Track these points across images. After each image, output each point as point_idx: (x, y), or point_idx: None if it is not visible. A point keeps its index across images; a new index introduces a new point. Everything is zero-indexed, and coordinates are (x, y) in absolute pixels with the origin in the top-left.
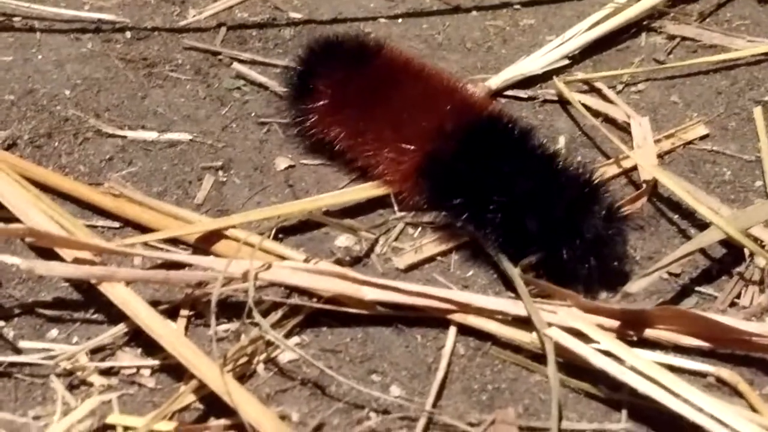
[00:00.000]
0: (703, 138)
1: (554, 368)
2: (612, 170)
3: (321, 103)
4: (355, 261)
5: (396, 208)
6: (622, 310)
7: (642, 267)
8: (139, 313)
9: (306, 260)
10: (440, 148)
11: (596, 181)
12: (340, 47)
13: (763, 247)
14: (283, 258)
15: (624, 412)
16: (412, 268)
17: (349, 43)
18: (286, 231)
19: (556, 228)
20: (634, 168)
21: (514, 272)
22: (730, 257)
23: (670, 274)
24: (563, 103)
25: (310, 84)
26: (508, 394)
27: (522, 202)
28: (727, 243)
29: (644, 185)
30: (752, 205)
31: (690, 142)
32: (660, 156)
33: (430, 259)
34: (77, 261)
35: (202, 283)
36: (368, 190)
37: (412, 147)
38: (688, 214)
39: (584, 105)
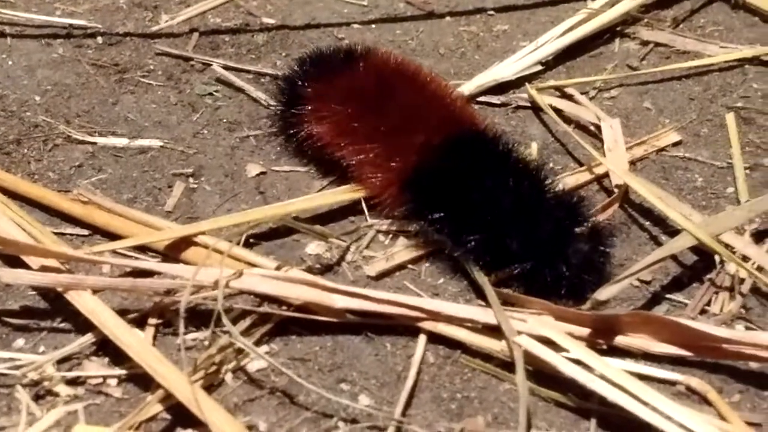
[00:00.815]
0: (675, 144)
1: (523, 376)
2: (584, 177)
3: (310, 109)
4: (326, 268)
5: (367, 215)
6: (593, 316)
7: (613, 274)
8: (105, 321)
9: (276, 268)
10: (424, 161)
11: (579, 200)
12: (330, 55)
13: (734, 253)
14: (252, 265)
15: (593, 421)
16: (383, 275)
17: (338, 51)
18: (257, 238)
19: (538, 249)
20: (606, 174)
21: (485, 281)
22: (701, 264)
23: (641, 281)
24: (536, 109)
25: (299, 91)
26: (477, 403)
27: (503, 221)
28: (698, 250)
29: (616, 191)
30: (723, 211)
31: (662, 149)
32: (632, 162)
33: (401, 267)
34: (44, 269)
35: (170, 291)
36: (339, 196)
37: (397, 158)
38: (660, 221)
39: (556, 111)
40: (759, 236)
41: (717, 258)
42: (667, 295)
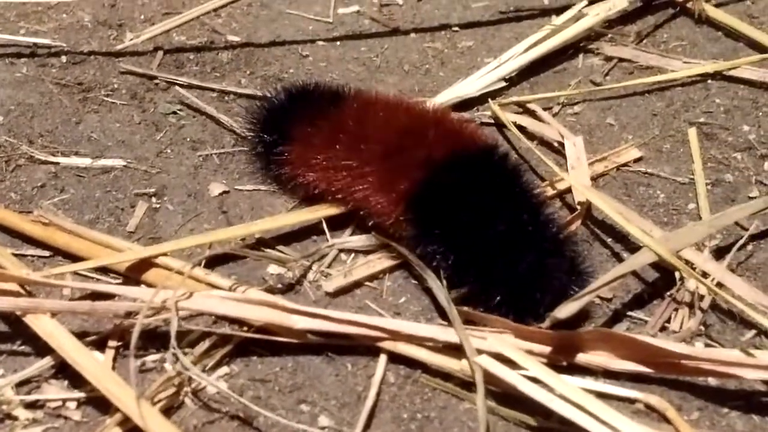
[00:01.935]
0: (637, 160)
1: (482, 398)
2: (547, 193)
3: (294, 147)
4: (288, 288)
5: (328, 235)
6: (553, 334)
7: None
8: (63, 345)
9: (235, 288)
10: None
11: (565, 233)
12: (311, 91)
13: (694, 269)
14: (212, 286)
15: None
16: (341, 292)
17: (319, 87)
18: (219, 258)
19: (520, 279)
20: (569, 191)
21: (447, 299)
22: (661, 281)
23: (602, 298)
24: (499, 125)
25: (280, 126)
26: (437, 423)
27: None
28: (659, 266)
29: (578, 208)
30: (684, 227)
31: (623, 165)
32: (594, 179)
33: (360, 284)
34: (2, 292)
35: (131, 314)
36: (302, 216)
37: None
38: (622, 238)
39: (520, 127)
40: (719, 252)
41: (677, 274)
42: (628, 312)
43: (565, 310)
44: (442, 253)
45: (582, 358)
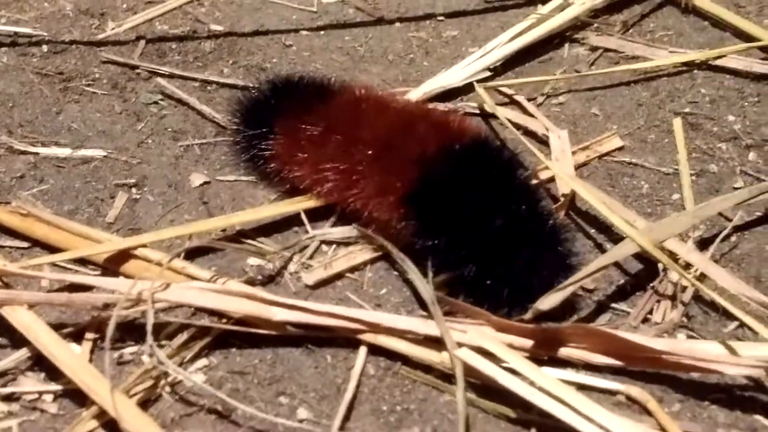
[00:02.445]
0: (620, 150)
1: (462, 391)
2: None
3: (282, 142)
4: (269, 280)
5: (308, 226)
6: (533, 328)
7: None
8: (40, 337)
9: (215, 280)
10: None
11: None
12: (298, 84)
13: (677, 260)
14: (191, 278)
15: (533, 431)
16: (321, 284)
17: (307, 80)
18: (199, 250)
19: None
20: (552, 180)
21: (428, 291)
22: (644, 272)
23: (585, 289)
24: (484, 115)
25: (267, 120)
26: (417, 415)
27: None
28: (642, 257)
29: (562, 198)
30: (667, 217)
31: (606, 154)
32: (576, 168)
33: (341, 276)
34: None
35: (109, 305)
36: (283, 207)
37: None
38: (605, 229)
39: (505, 118)
40: (703, 243)
41: (660, 266)
42: (611, 304)
43: (548, 302)
44: (437, 248)
45: (562, 351)
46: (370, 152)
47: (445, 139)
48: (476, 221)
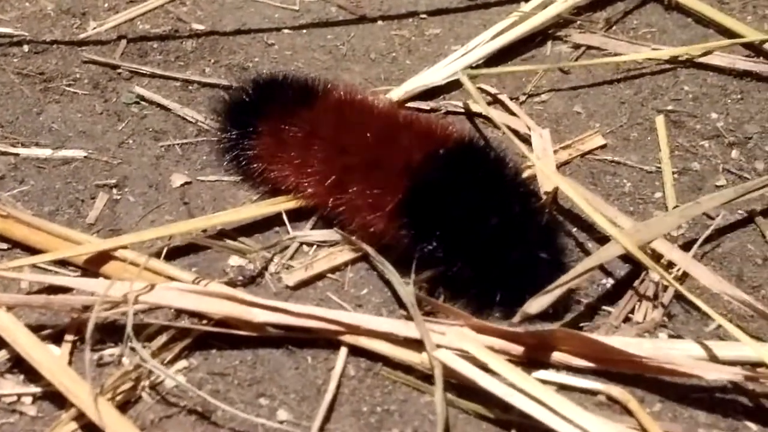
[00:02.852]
0: (603, 148)
1: (441, 392)
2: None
3: (266, 145)
4: (250, 280)
5: (289, 227)
6: (512, 331)
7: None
8: (18, 339)
9: (195, 281)
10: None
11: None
12: (282, 84)
13: (659, 259)
14: (172, 279)
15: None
16: (302, 285)
17: (290, 80)
18: (179, 249)
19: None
20: (534, 178)
21: (407, 291)
22: (625, 271)
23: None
24: (466, 114)
25: (250, 115)
26: (397, 416)
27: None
28: (624, 256)
29: (544, 196)
30: (651, 217)
31: (588, 153)
32: (558, 167)
33: (321, 277)
34: None
35: (88, 307)
36: (264, 208)
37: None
38: (587, 227)
39: (487, 117)
40: (685, 242)
41: (643, 265)
42: (592, 304)
43: (536, 305)
44: (425, 252)
45: (542, 354)
46: (355, 157)
47: (431, 143)
48: (466, 225)
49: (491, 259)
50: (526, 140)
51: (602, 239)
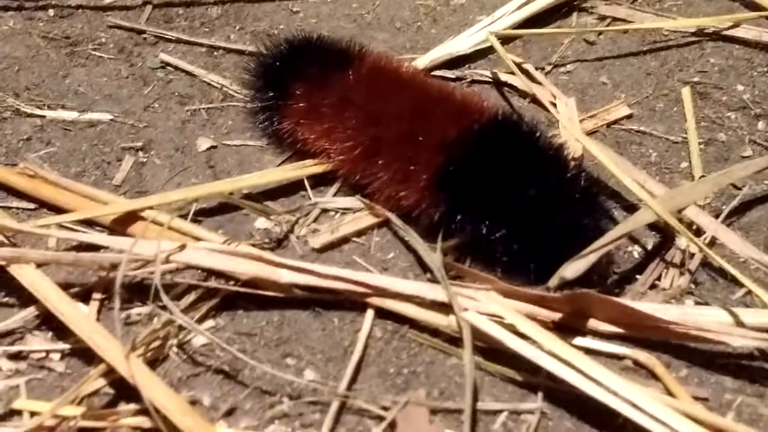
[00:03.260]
0: (629, 119)
1: (470, 352)
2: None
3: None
4: (276, 243)
5: (310, 193)
6: (540, 294)
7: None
8: (48, 296)
9: (223, 242)
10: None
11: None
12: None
13: (691, 227)
14: (199, 239)
15: (540, 395)
16: (327, 248)
17: (325, 43)
18: (206, 212)
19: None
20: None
21: (432, 257)
22: (652, 238)
23: None
24: (491, 83)
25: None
26: (424, 378)
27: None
28: (650, 224)
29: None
30: (677, 186)
31: (614, 123)
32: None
33: (347, 240)
34: None
35: (116, 266)
36: (288, 172)
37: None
38: (614, 194)
39: (512, 86)
40: (712, 211)
41: (669, 232)
42: (619, 271)
43: (571, 269)
44: (459, 225)
45: (569, 319)
46: (387, 128)
47: (466, 118)
48: (500, 203)
49: (522, 230)
50: (551, 111)
51: (628, 207)
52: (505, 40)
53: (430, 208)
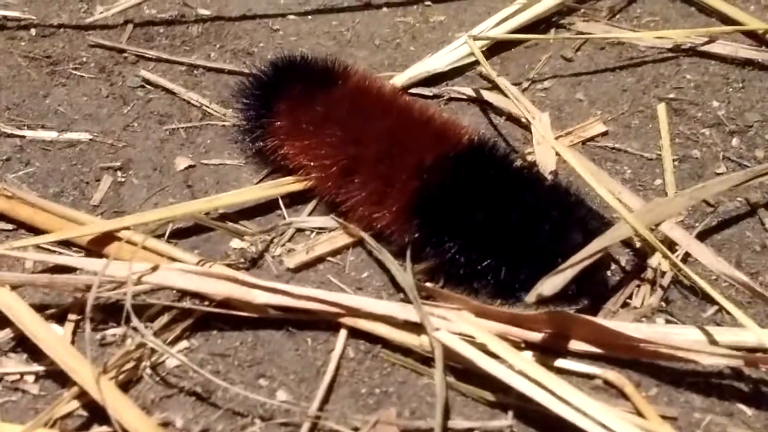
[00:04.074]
0: (604, 135)
1: (441, 372)
2: None
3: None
4: (251, 263)
5: (285, 213)
6: (511, 313)
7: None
8: (21, 318)
9: (201, 263)
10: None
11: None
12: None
13: (665, 243)
14: (174, 260)
15: (510, 414)
16: (303, 267)
17: (309, 62)
18: (182, 232)
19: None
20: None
21: (405, 277)
22: (624, 257)
23: None
24: (468, 100)
25: (266, 105)
26: (395, 398)
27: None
28: (623, 241)
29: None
30: (663, 197)
31: (589, 140)
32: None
33: (322, 260)
34: None
35: (91, 286)
36: (265, 191)
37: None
38: (589, 211)
39: (489, 103)
40: (685, 229)
41: (641, 249)
42: (591, 288)
43: (548, 285)
44: (442, 248)
45: (540, 337)
46: (366, 148)
47: (443, 143)
48: (474, 231)
49: (495, 253)
50: (527, 127)
51: (606, 225)
52: (484, 56)
53: (403, 229)
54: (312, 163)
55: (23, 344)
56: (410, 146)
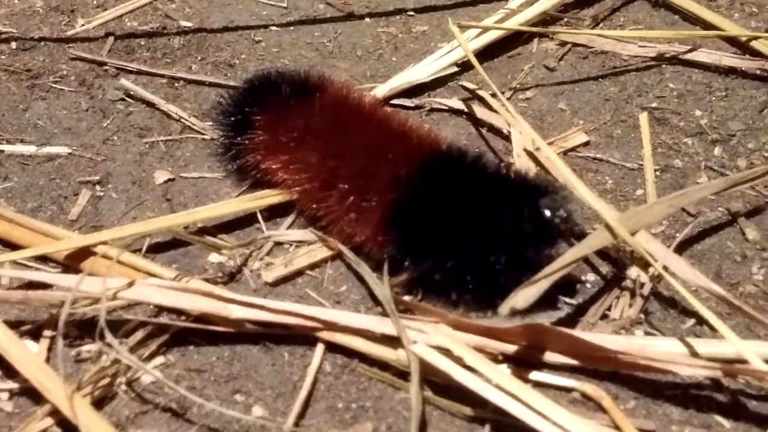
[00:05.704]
0: (586, 145)
1: (417, 386)
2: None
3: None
4: (229, 277)
5: (263, 226)
6: (488, 327)
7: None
8: None
9: (175, 278)
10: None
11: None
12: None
13: (634, 255)
14: (151, 275)
15: (487, 428)
16: (281, 281)
17: (287, 77)
18: (160, 246)
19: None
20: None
21: (383, 291)
22: (602, 268)
23: None
24: (450, 111)
25: (246, 120)
26: (372, 412)
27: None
28: (601, 253)
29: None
30: (642, 205)
31: (571, 150)
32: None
33: (300, 273)
34: None
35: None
36: (244, 204)
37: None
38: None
39: (469, 114)
40: (664, 239)
41: (620, 260)
42: (569, 300)
43: (522, 297)
44: (420, 261)
45: (517, 350)
46: (345, 162)
47: (422, 156)
48: (453, 245)
49: (473, 265)
50: (508, 138)
51: (579, 236)
52: (465, 67)
53: (381, 243)
54: (291, 177)
55: None
56: (388, 159)
